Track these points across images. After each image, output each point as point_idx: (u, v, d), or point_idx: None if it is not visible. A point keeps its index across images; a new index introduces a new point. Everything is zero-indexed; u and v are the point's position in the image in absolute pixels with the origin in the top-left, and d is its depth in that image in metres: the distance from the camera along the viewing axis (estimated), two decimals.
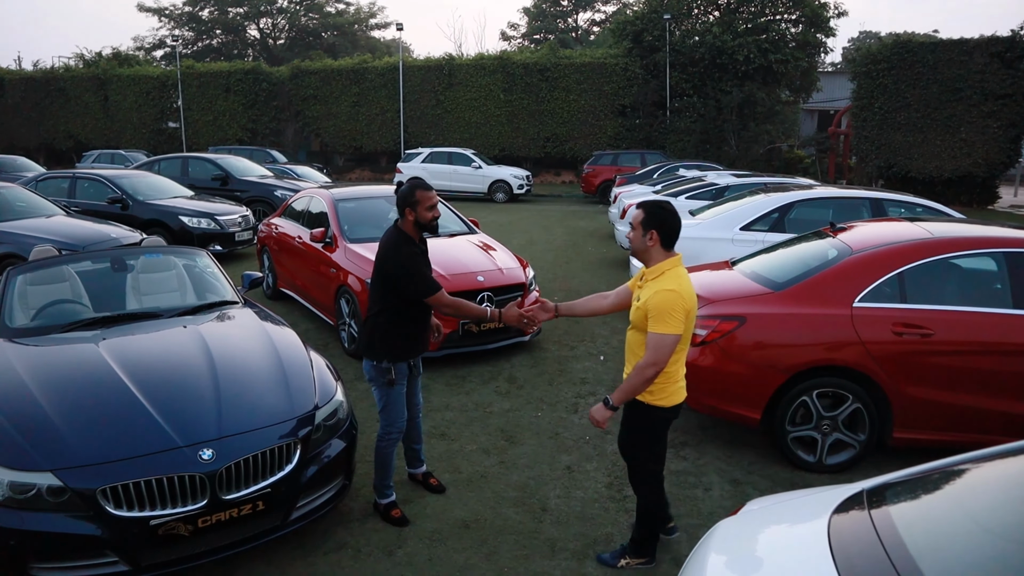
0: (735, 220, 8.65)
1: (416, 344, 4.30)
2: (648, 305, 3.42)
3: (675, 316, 3.37)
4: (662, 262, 3.51)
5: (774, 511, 2.47)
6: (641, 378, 3.44)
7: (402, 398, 4.26)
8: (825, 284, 5.05)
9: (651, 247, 3.50)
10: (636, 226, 3.53)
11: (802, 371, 4.91)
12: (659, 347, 3.39)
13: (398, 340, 4.17)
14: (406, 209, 4.11)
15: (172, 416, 3.67)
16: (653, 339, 3.39)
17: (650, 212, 3.51)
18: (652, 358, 3.40)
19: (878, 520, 2.03)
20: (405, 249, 4.07)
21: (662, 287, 3.41)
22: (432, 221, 4.13)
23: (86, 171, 13.81)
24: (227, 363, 4.21)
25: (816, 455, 4.99)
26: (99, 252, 5.78)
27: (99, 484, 3.32)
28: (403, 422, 4.31)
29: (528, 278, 7.61)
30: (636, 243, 3.56)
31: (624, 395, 3.53)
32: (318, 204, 8.72)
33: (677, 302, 3.37)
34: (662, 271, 3.49)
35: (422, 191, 4.10)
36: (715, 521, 4.31)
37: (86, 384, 3.93)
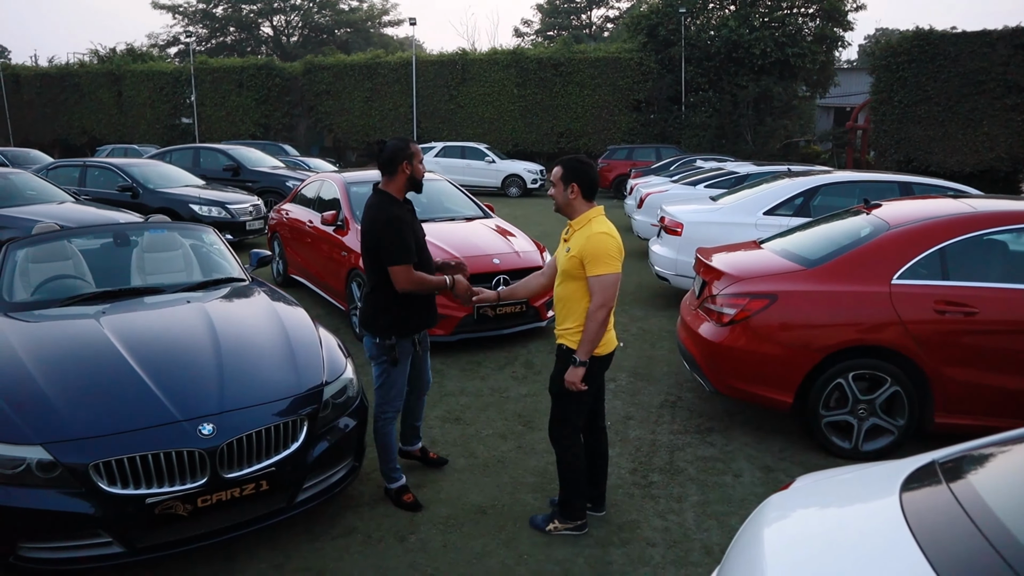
0: (758, 204, 8.36)
1: (420, 318, 4.05)
2: (584, 251, 3.48)
3: (612, 256, 3.47)
4: (587, 211, 3.61)
5: (831, 485, 2.22)
6: (596, 322, 3.48)
7: (403, 377, 4.05)
8: (861, 261, 4.78)
9: (573, 200, 3.60)
10: (556, 182, 3.61)
11: (837, 352, 4.64)
12: (604, 287, 3.46)
13: (400, 314, 3.93)
14: (402, 163, 3.89)
15: (171, 389, 3.45)
16: (596, 282, 3.47)
17: (569, 167, 3.61)
18: (600, 300, 3.46)
19: (960, 492, 1.78)
20: (395, 210, 3.86)
21: (593, 231, 3.50)
22: (422, 175, 4.00)
23: (96, 160, 13.69)
24: (231, 338, 3.99)
25: (852, 441, 4.72)
26: (102, 227, 5.59)
27: (91, 459, 3.10)
28: (400, 402, 4.10)
29: (544, 261, 7.36)
30: (559, 198, 3.63)
31: (588, 346, 3.52)
32: (329, 188, 8.51)
33: (611, 242, 3.49)
34: (588, 219, 3.58)
35: (415, 144, 3.99)
36: (749, 508, 4.07)
37: (82, 357, 3.72)
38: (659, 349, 7.04)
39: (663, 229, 8.80)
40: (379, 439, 4.07)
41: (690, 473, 4.52)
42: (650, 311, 8.57)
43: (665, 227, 8.71)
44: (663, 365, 6.57)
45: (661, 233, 8.93)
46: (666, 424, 5.25)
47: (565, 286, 3.62)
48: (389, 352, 3.92)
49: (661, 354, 6.89)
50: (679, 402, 5.68)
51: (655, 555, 3.63)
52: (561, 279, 3.65)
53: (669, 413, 5.46)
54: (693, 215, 8.56)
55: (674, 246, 8.43)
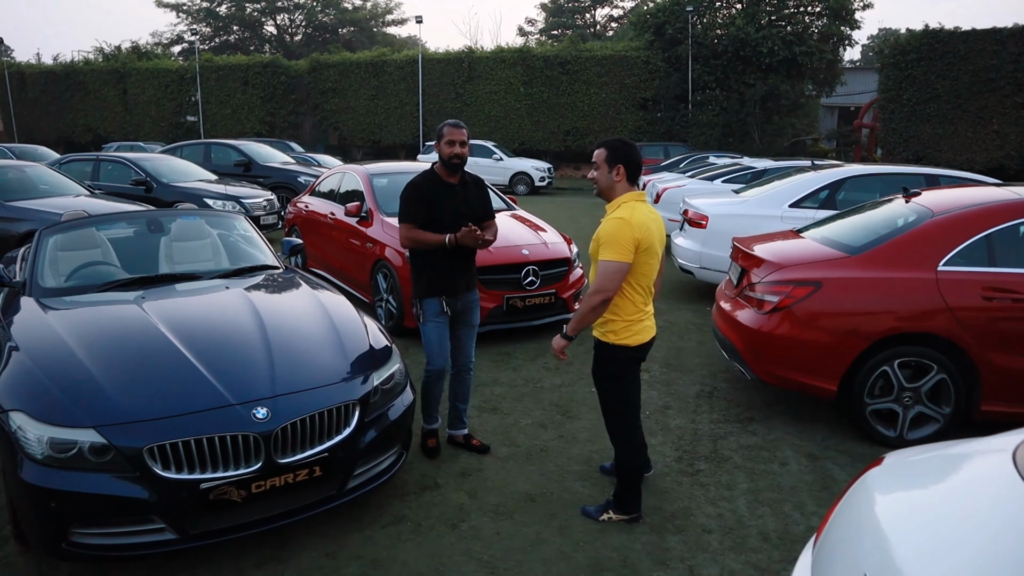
0: (784, 197, 8.29)
1: (446, 281, 4.31)
2: (600, 235, 3.43)
3: (621, 244, 3.33)
4: (622, 195, 3.51)
5: (932, 458, 2.16)
6: (587, 306, 3.42)
7: (436, 338, 4.34)
8: (907, 247, 4.72)
9: (617, 183, 3.50)
10: (601, 164, 3.50)
11: (882, 339, 4.57)
12: (604, 274, 3.37)
13: (425, 276, 4.32)
14: (436, 143, 4.32)
15: (223, 373, 3.38)
16: (600, 266, 3.40)
17: (615, 148, 3.50)
18: (598, 285, 3.38)
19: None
20: (416, 179, 4.34)
21: (611, 216, 3.43)
22: (451, 158, 4.24)
23: (110, 154, 13.63)
24: (276, 323, 3.93)
25: (897, 429, 4.66)
26: (133, 214, 5.52)
27: (145, 442, 3.03)
28: (441, 361, 4.38)
29: (573, 253, 7.30)
30: (603, 180, 3.53)
31: (576, 323, 3.50)
32: (351, 180, 8.44)
33: (624, 230, 3.35)
34: (619, 204, 3.49)
35: (450, 127, 4.27)
36: (801, 496, 4.02)
37: (129, 341, 3.65)
38: (688, 341, 6.97)
39: (687, 222, 8.73)
40: (423, 392, 4.47)
41: (736, 461, 4.45)
42: (674, 304, 8.50)
43: (689, 220, 8.64)
44: (694, 356, 6.51)
45: (684, 226, 8.86)
46: (705, 414, 5.19)
47: (594, 270, 3.58)
48: (417, 311, 4.34)
49: (691, 346, 6.83)
50: (716, 392, 5.62)
51: (712, 541, 3.57)
52: (593, 265, 3.60)
53: (707, 403, 5.39)
54: (718, 208, 8.49)
55: (698, 239, 8.36)
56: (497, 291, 6.57)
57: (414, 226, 4.24)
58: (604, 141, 3.59)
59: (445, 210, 4.26)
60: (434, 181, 4.31)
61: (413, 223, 4.24)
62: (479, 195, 4.49)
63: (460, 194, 4.34)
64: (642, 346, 3.59)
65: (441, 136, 4.25)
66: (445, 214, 4.25)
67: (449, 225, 4.22)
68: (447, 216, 4.25)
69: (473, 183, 4.48)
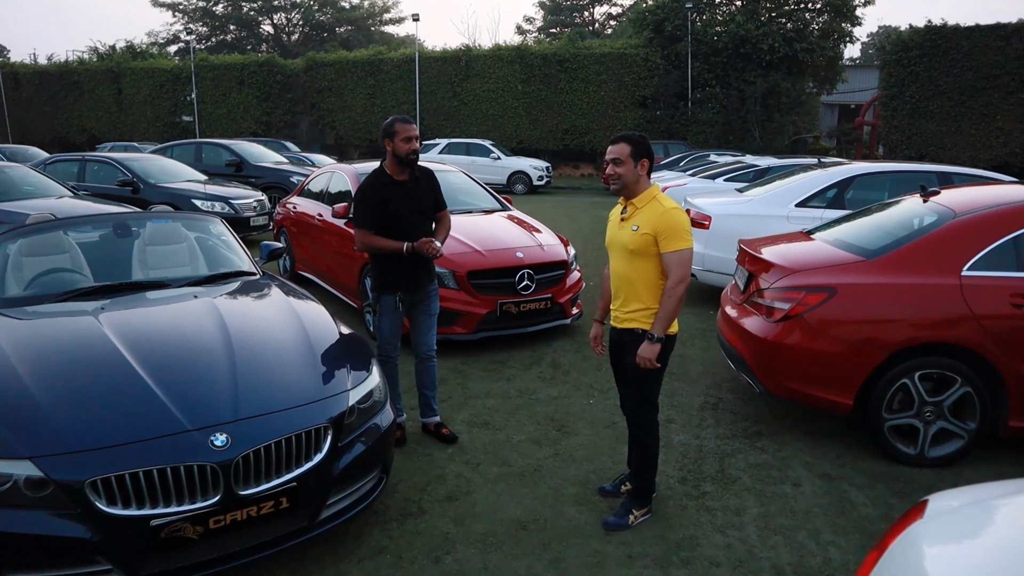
0: (790, 196, 7.96)
1: (405, 276, 4.35)
2: (658, 227, 3.37)
3: (688, 230, 3.41)
4: (649, 188, 3.50)
5: (984, 506, 1.83)
6: (676, 298, 3.38)
7: (389, 329, 4.44)
8: (927, 250, 4.39)
9: (642, 176, 3.48)
10: (625, 159, 3.42)
11: (902, 349, 4.24)
12: (683, 263, 3.38)
13: (381, 273, 4.38)
14: (385, 141, 4.24)
15: (179, 395, 3.06)
16: (675, 257, 3.37)
17: (638, 142, 3.45)
18: (679, 275, 3.38)
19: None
20: (365, 181, 4.31)
21: (666, 207, 3.41)
22: (409, 155, 4.20)
23: (96, 154, 13.30)
24: (244, 337, 3.60)
25: (917, 447, 4.33)
26: (100, 217, 5.20)
27: (88, 475, 2.71)
28: (390, 349, 4.45)
29: (570, 256, 6.98)
30: (629, 175, 3.44)
31: (665, 322, 3.41)
32: (340, 180, 8.12)
33: (685, 218, 3.44)
34: (653, 195, 3.48)
35: (402, 123, 4.20)
36: (815, 522, 3.68)
37: (79, 359, 3.33)
38: (691, 348, 6.64)
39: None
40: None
41: (745, 482, 4.13)
42: None
43: (691, 220, 8.30)
44: (697, 364, 6.18)
45: None
46: (710, 428, 4.87)
47: (633, 265, 3.48)
48: (374, 304, 4.48)
49: (694, 353, 6.50)
50: (720, 404, 5.29)
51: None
52: (628, 259, 3.50)
53: (712, 416, 5.07)
54: (722, 207, 8.17)
55: (701, 240, 7.99)
56: (490, 296, 6.25)
57: (368, 232, 4.25)
58: (625, 136, 3.49)
59: (399, 209, 4.26)
60: (384, 181, 4.28)
61: (368, 228, 4.25)
62: (430, 188, 4.47)
63: (412, 190, 4.33)
64: (675, 336, 3.60)
65: (395, 133, 4.18)
66: (399, 212, 4.26)
67: (404, 224, 4.26)
68: (402, 215, 4.27)
69: (424, 176, 4.44)
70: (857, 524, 3.68)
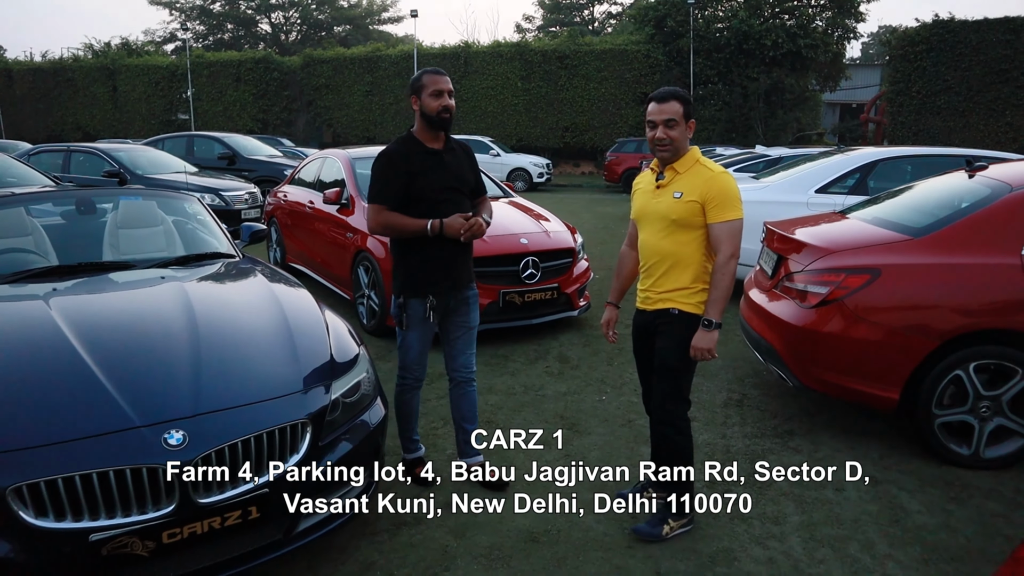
0: (809, 182, 7.50)
1: (437, 275, 3.42)
2: (707, 194, 2.94)
3: (739, 199, 2.98)
4: (690, 151, 3.08)
5: None
6: (729, 276, 2.96)
7: (417, 345, 3.54)
8: (982, 227, 3.93)
9: (688, 138, 3.07)
10: (680, 120, 2.98)
11: (955, 337, 3.78)
12: (734, 235, 2.96)
13: (410, 272, 3.43)
14: (412, 99, 3.39)
15: (129, 385, 2.59)
16: (726, 229, 2.95)
17: (688, 100, 3.03)
18: (731, 249, 2.95)
19: None
20: (389, 147, 3.42)
21: (714, 171, 3.00)
22: (440, 112, 3.32)
23: (81, 144, 12.86)
24: (213, 323, 3.14)
25: (971, 446, 3.86)
26: (63, 192, 4.74)
27: (11, 481, 2.24)
28: (419, 371, 3.61)
29: (577, 244, 6.53)
30: (682, 139, 3.01)
31: (721, 303, 2.97)
32: (332, 166, 7.66)
33: (736, 185, 3.02)
34: (695, 159, 3.06)
35: (430, 74, 3.37)
36: (866, 531, 3.20)
37: (17, 347, 2.87)
38: None
39: None
40: (396, 406, 3.66)
41: (781, 487, 3.66)
42: None
43: None
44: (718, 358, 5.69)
45: None
46: (736, 427, 4.41)
47: (675, 238, 3.03)
48: (400, 312, 3.46)
49: None
50: (745, 400, 4.84)
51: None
52: (667, 231, 3.04)
53: (737, 414, 4.61)
54: None
55: None
56: (492, 285, 5.79)
57: (385, 207, 3.32)
58: (675, 93, 3.02)
59: (428, 183, 3.34)
60: (414, 149, 3.37)
61: (384, 204, 3.32)
62: (469, 164, 3.57)
63: (447, 163, 3.41)
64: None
65: (422, 87, 3.30)
66: (428, 189, 3.34)
67: (434, 202, 3.34)
68: (431, 191, 3.34)
69: (460, 149, 3.54)
70: (915, 534, 3.22)
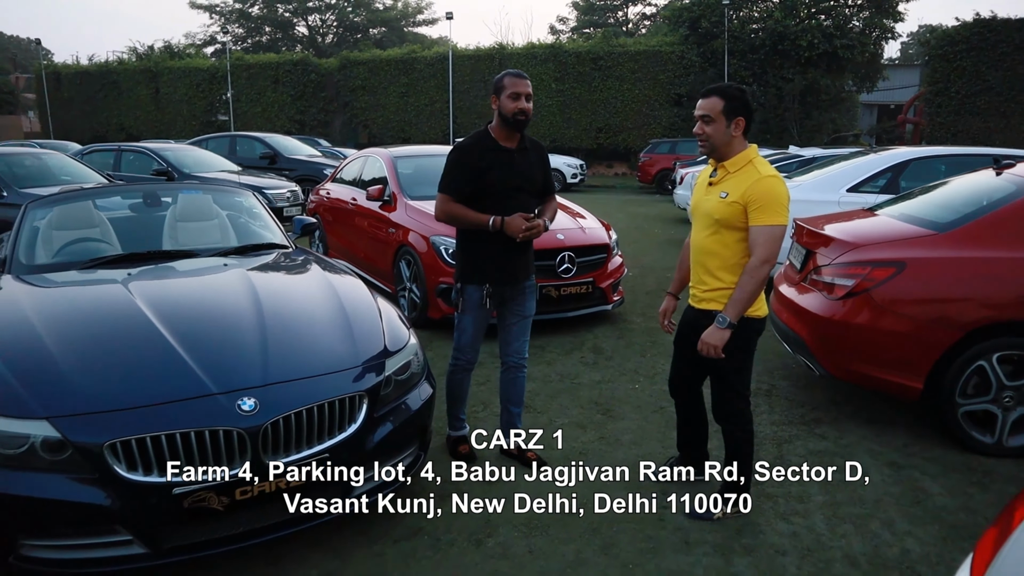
0: (841, 181, 7.62)
1: (497, 266, 3.63)
2: (750, 197, 2.95)
3: (783, 204, 2.97)
4: (745, 151, 3.07)
5: None
6: (757, 280, 2.98)
7: (472, 329, 3.76)
8: (1007, 222, 4.07)
9: (735, 137, 3.06)
10: (717, 116, 3.02)
11: (979, 328, 3.92)
12: (771, 240, 2.94)
13: (472, 256, 3.67)
14: (492, 98, 3.58)
15: (205, 358, 2.86)
16: (763, 233, 2.94)
17: (733, 96, 3.04)
18: (765, 254, 2.95)
19: None
20: (465, 141, 3.67)
21: (762, 174, 2.98)
22: (516, 114, 3.48)
23: (131, 144, 13.35)
24: (276, 304, 3.41)
25: (995, 435, 3.99)
26: (129, 187, 5.06)
27: (108, 438, 2.51)
28: (472, 354, 3.83)
29: (612, 240, 6.72)
30: (718, 136, 3.04)
31: (740, 306, 3.01)
32: (374, 164, 7.94)
33: (783, 190, 2.99)
34: (748, 159, 3.05)
35: (511, 77, 3.52)
36: (888, 511, 3.37)
37: (103, 322, 3.16)
38: None
39: None
40: (447, 386, 3.91)
41: (806, 469, 3.83)
42: None
43: None
44: None
45: None
46: (764, 414, 4.58)
47: (718, 238, 3.10)
48: (456, 296, 3.71)
49: None
50: (774, 391, 5.00)
51: (788, 565, 2.97)
52: (711, 229, 3.11)
53: (765, 403, 4.78)
54: None
55: None
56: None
57: (452, 199, 3.54)
58: (717, 88, 3.11)
59: (498, 180, 3.53)
60: (487, 145, 3.56)
61: (451, 195, 3.55)
62: (540, 164, 3.75)
63: (517, 162, 3.59)
64: (765, 318, 3.25)
65: (502, 88, 3.48)
66: (496, 185, 3.53)
67: (500, 198, 3.53)
68: (498, 188, 3.54)
69: (533, 148, 3.71)
70: (934, 514, 3.38)
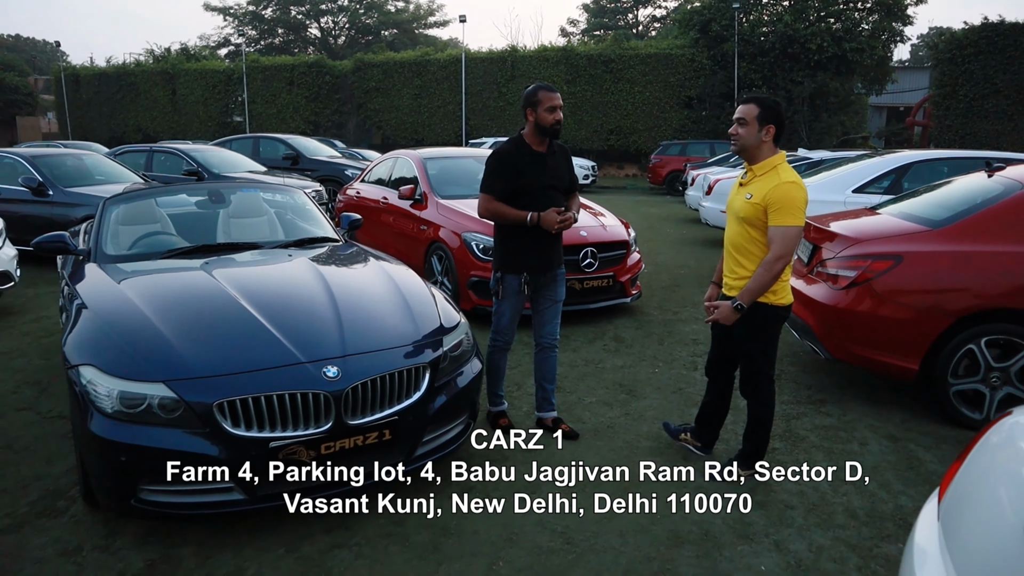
0: (847, 182, 8.06)
1: (532, 256, 4.12)
2: (769, 199, 3.34)
3: (800, 207, 3.32)
4: (772, 157, 3.45)
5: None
6: (771, 273, 3.36)
7: (509, 313, 4.24)
8: (995, 219, 4.48)
9: (765, 143, 3.43)
10: (751, 120, 3.41)
11: (968, 315, 4.34)
12: (786, 239, 3.32)
13: (510, 247, 4.13)
14: (527, 110, 4.02)
15: (291, 332, 3.31)
16: (779, 232, 3.33)
17: (767, 106, 3.42)
18: (779, 251, 3.33)
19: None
20: (503, 147, 4.13)
21: (782, 179, 3.35)
22: (554, 124, 3.98)
23: (162, 145, 13.84)
24: (343, 287, 3.87)
25: (983, 412, 4.41)
26: (195, 185, 5.52)
27: (216, 398, 2.96)
28: (509, 336, 4.31)
29: (631, 237, 7.15)
30: (749, 138, 3.43)
31: (753, 294, 3.41)
32: (404, 164, 8.39)
33: (801, 193, 3.34)
34: (773, 165, 3.43)
35: (545, 91, 3.98)
36: (884, 476, 3.82)
37: (197, 302, 3.62)
38: None
39: None
40: (487, 365, 4.30)
41: (812, 440, 4.27)
42: None
43: None
44: None
45: None
46: None
47: (742, 234, 3.50)
48: (496, 284, 4.17)
49: None
50: (782, 374, 5.42)
51: (796, 517, 3.40)
52: (739, 225, 3.52)
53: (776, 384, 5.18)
54: None
55: None
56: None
57: (494, 198, 4.03)
58: (755, 97, 3.48)
59: (532, 181, 4.02)
60: (522, 150, 4.05)
61: (492, 194, 4.03)
62: (566, 165, 4.26)
63: (548, 164, 4.09)
64: (788, 307, 3.59)
65: (538, 102, 3.93)
66: (531, 185, 4.02)
67: (535, 196, 4.01)
68: (533, 187, 4.03)
69: (560, 152, 4.21)
70: (926, 477, 3.80)
